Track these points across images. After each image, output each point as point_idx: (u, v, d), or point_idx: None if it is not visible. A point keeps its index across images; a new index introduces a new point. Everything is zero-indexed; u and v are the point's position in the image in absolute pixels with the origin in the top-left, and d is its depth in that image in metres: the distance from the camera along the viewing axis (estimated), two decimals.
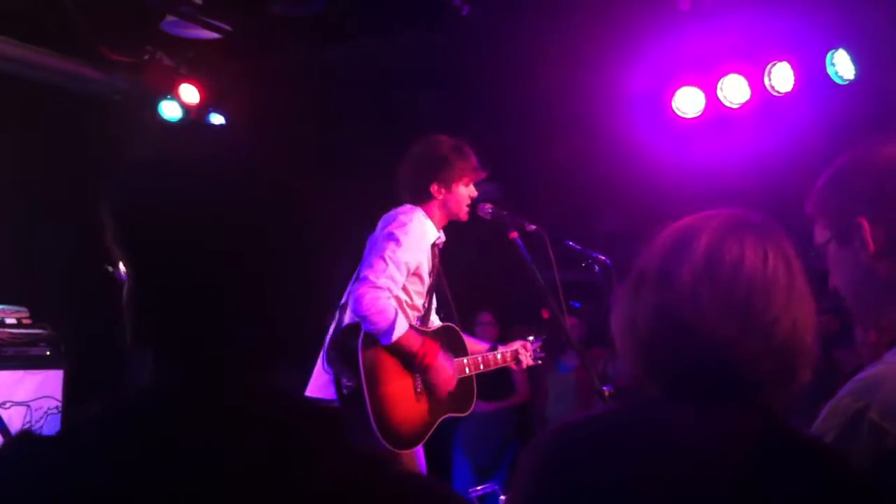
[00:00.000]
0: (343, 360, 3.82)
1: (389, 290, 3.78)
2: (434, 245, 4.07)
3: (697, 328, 1.36)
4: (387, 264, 3.79)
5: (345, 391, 3.78)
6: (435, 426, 4.02)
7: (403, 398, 3.89)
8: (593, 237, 5.79)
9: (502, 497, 3.83)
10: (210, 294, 1.06)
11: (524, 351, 4.40)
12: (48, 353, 5.61)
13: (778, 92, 5.58)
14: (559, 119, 6.66)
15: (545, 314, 3.82)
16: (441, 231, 4.11)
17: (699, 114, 5.94)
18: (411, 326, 3.89)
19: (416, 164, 4.11)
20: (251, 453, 1.01)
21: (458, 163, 4.06)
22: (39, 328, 5.65)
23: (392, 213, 4.03)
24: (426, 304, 4.13)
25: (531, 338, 4.48)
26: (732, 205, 1.52)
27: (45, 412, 5.47)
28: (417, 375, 3.95)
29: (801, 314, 1.40)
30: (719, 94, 5.79)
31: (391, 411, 3.80)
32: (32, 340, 5.56)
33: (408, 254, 3.86)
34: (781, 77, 5.56)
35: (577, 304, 7.74)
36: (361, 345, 3.76)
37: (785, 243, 1.44)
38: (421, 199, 4.07)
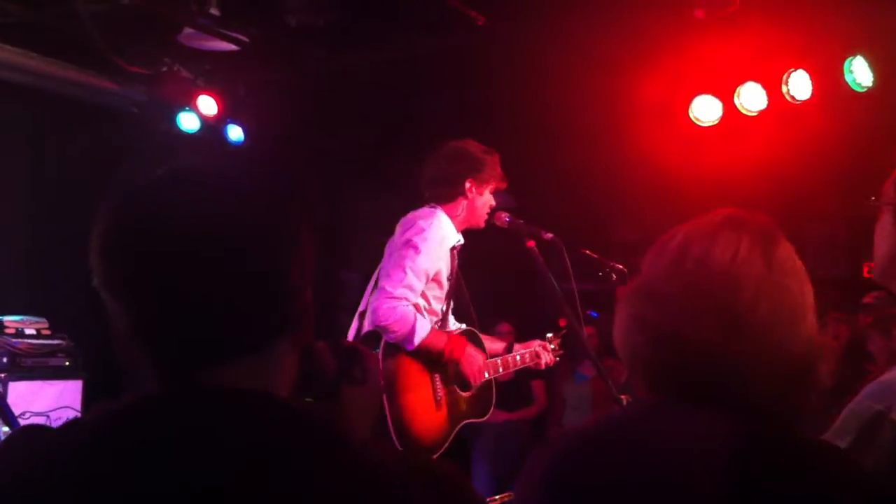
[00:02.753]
0: None
1: (407, 298, 3.76)
2: (453, 248, 4.03)
3: (674, 332, 1.33)
4: (405, 274, 3.78)
5: None
6: (454, 433, 4.01)
7: (423, 407, 3.88)
8: (609, 246, 5.78)
9: None
10: (217, 297, 1.09)
11: (543, 350, 4.37)
12: (67, 363, 5.64)
13: (795, 100, 5.54)
14: (575, 128, 6.65)
15: (562, 323, 3.80)
16: (460, 234, 4.07)
17: (716, 122, 5.92)
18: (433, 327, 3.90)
19: (452, 160, 4.06)
20: (244, 454, 1.03)
21: (490, 166, 4.04)
22: (59, 339, 5.68)
23: (411, 217, 4.00)
24: (444, 309, 4.10)
25: (550, 335, 4.45)
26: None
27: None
28: (437, 383, 3.95)
29: (780, 307, 1.33)
30: (736, 102, 5.76)
31: (410, 420, 3.80)
32: (52, 351, 5.59)
33: (426, 261, 3.84)
34: (799, 85, 5.52)
35: (595, 314, 7.73)
36: (382, 354, 3.76)
37: (770, 237, 1.38)
38: (451, 195, 4.02)
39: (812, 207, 6.77)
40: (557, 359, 4.48)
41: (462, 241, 4.08)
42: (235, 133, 6.91)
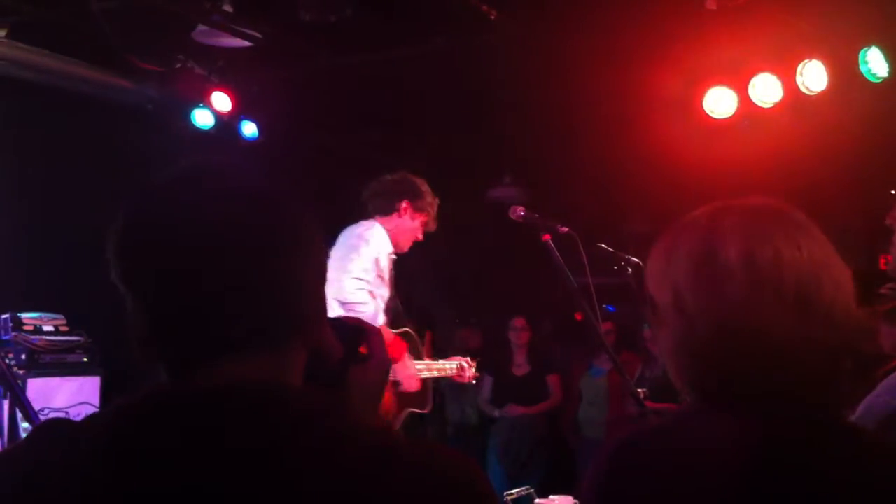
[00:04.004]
0: None
1: (368, 281, 4.28)
2: (390, 255, 4.53)
3: (761, 335, 1.31)
4: (361, 258, 4.29)
5: None
6: (401, 419, 4.42)
7: None
8: (624, 239, 5.76)
9: (537, 501, 3.83)
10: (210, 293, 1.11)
11: (465, 367, 4.91)
12: (85, 359, 5.66)
13: (810, 91, 5.50)
14: (589, 121, 6.64)
15: (578, 317, 3.80)
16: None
17: (731, 114, 5.88)
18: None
19: (397, 181, 4.61)
20: (246, 453, 1.03)
21: (428, 200, 4.57)
22: (76, 335, 5.70)
23: (353, 226, 4.48)
24: (386, 311, 4.56)
25: (469, 358, 5.02)
26: None
27: None
28: None
29: (845, 286, 1.35)
30: (751, 93, 5.72)
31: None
32: (70, 348, 5.61)
33: (374, 252, 4.36)
34: (814, 76, 5.48)
35: (611, 308, 7.72)
36: None
37: (805, 223, 1.39)
38: (387, 209, 4.52)
39: (827, 199, 6.73)
40: (474, 381, 5.11)
41: (395, 256, 4.58)
42: (249, 129, 6.92)
